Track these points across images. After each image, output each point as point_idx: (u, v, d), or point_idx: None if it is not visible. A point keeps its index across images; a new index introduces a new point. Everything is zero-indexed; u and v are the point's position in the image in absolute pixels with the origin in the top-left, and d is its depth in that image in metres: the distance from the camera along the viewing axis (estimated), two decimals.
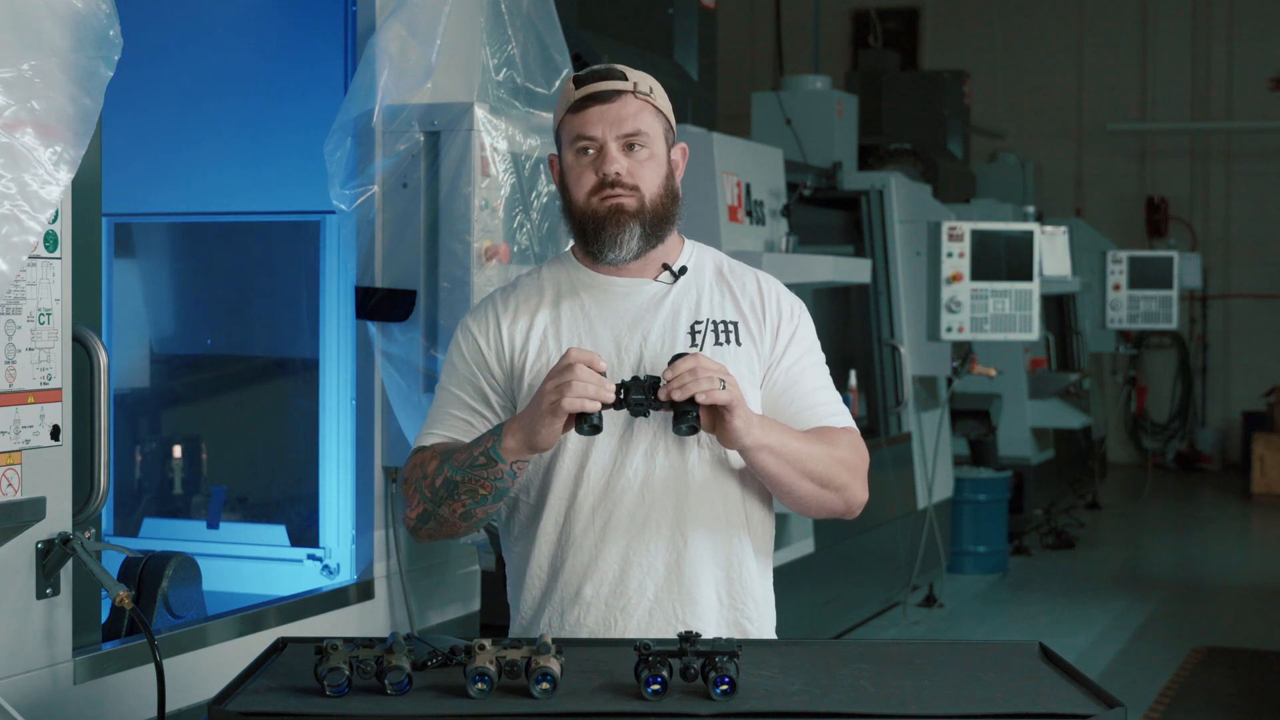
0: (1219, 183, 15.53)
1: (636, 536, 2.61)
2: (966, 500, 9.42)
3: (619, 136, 2.59)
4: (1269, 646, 7.91)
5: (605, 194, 2.59)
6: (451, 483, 2.54)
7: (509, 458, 2.50)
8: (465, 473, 2.53)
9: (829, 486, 2.63)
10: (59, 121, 2.80)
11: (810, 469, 2.60)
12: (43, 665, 3.10)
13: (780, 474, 2.58)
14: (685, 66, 7.29)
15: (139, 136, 4.60)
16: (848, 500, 2.67)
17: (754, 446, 2.53)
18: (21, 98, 2.74)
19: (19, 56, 2.74)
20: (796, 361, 2.69)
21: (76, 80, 2.84)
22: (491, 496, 2.54)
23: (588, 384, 2.41)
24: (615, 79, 2.62)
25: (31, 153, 2.76)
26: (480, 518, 2.58)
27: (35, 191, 2.77)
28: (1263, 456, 13.40)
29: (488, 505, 2.55)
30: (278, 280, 4.74)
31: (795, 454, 2.58)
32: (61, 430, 3.06)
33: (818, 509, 2.67)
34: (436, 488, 2.56)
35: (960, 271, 8.13)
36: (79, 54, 2.83)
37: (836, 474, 2.63)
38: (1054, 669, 2.39)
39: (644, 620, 2.61)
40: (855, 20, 15.98)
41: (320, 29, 4.44)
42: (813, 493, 2.62)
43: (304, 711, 2.14)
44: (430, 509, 2.58)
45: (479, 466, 2.52)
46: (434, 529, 2.62)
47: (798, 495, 2.62)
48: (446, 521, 2.59)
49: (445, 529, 2.61)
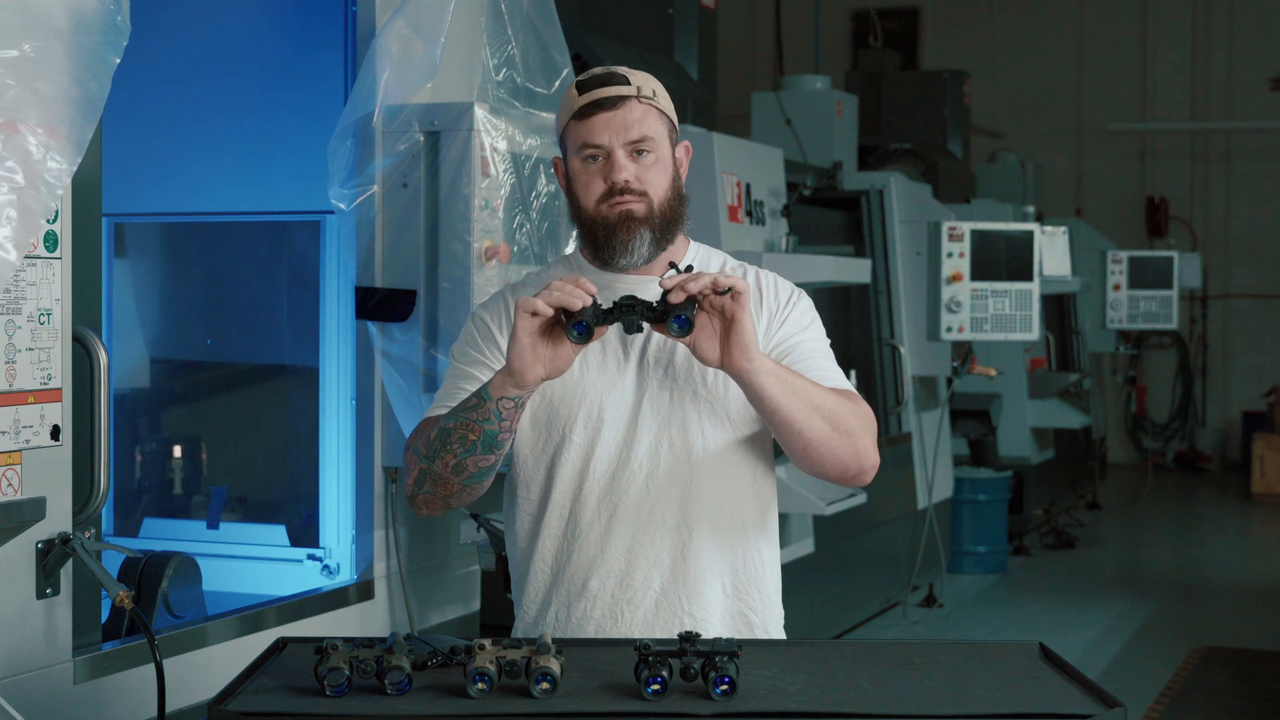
0: (1219, 183, 15.54)
1: (642, 529, 2.62)
2: (966, 500, 9.42)
3: (625, 143, 2.59)
4: (1269, 646, 7.91)
5: (614, 201, 2.59)
6: (445, 431, 2.52)
7: (495, 393, 2.47)
8: (456, 418, 2.52)
9: (840, 429, 2.54)
10: (63, 104, 2.78)
11: (820, 404, 2.52)
12: (43, 665, 3.11)
13: (789, 406, 2.50)
14: (685, 66, 7.29)
15: (138, 136, 4.60)
16: (859, 454, 2.58)
17: (762, 368, 2.47)
18: (24, 79, 2.71)
19: (20, 37, 2.71)
20: (792, 335, 2.68)
21: (82, 64, 2.81)
22: (480, 443, 2.49)
23: (561, 287, 2.40)
24: (618, 84, 2.62)
25: (36, 138, 2.74)
26: (472, 472, 2.52)
27: (40, 176, 2.75)
28: (1263, 456, 13.40)
29: (477, 455, 2.50)
30: (278, 280, 4.74)
31: (804, 387, 2.52)
32: (61, 430, 3.06)
33: (831, 459, 2.57)
34: (431, 440, 2.54)
35: (960, 271, 8.13)
36: (85, 38, 2.81)
37: (846, 417, 2.55)
38: (1054, 669, 2.39)
39: (650, 612, 2.62)
40: (855, 20, 15.98)
41: (320, 29, 4.44)
42: (824, 434, 2.53)
43: (304, 711, 2.14)
44: (426, 467, 2.55)
45: (469, 409, 2.51)
46: (430, 493, 2.58)
47: (808, 436, 2.53)
48: (440, 480, 2.54)
49: (440, 490, 2.56)
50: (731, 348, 2.45)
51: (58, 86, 2.77)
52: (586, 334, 2.41)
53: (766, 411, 2.52)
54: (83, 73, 2.81)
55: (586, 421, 2.63)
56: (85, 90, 2.81)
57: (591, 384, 2.64)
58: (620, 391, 2.64)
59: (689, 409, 2.63)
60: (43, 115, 2.74)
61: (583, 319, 2.40)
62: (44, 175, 2.75)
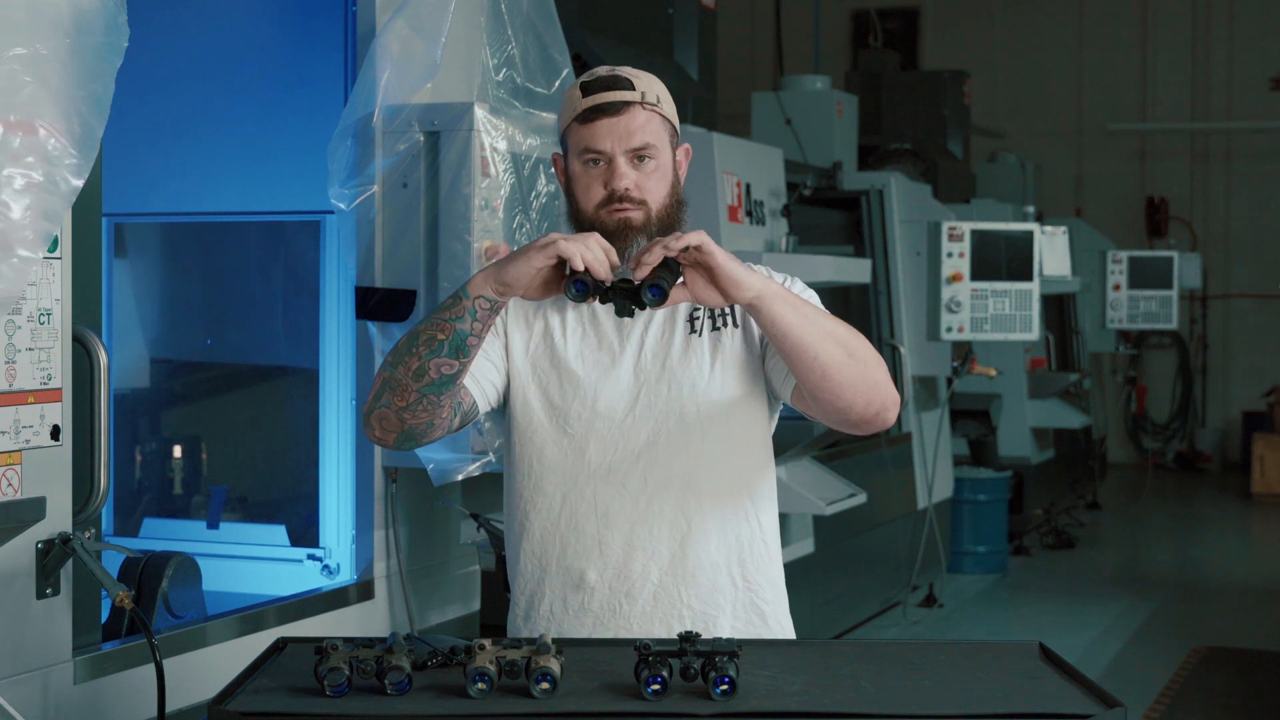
0: (1219, 183, 15.53)
1: (640, 521, 2.62)
2: (966, 500, 9.41)
3: (627, 150, 2.59)
4: (1269, 646, 7.91)
5: (613, 208, 2.59)
6: (414, 334, 2.49)
7: (473, 291, 2.46)
8: (428, 320, 2.49)
9: (856, 357, 2.48)
10: (76, 103, 2.80)
11: (832, 330, 2.48)
12: (43, 665, 3.10)
13: (801, 329, 2.45)
14: (685, 66, 7.29)
15: (139, 136, 4.60)
16: (878, 385, 2.50)
17: (766, 292, 2.45)
18: (40, 76, 2.72)
19: (34, 37, 2.73)
20: None
21: (89, 64, 2.82)
22: (448, 343, 2.45)
23: (592, 249, 2.40)
24: (623, 88, 2.61)
25: (54, 136, 2.75)
26: (433, 379, 2.47)
27: (63, 176, 2.76)
28: (1263, 456, 13.40)
29: (441, 357, 2.46)
30: (277, 280, 4.74)
31: (815, 314, 2.49)
32: (61, 430, 3.06)
33: (850, 390, 2.49)
34: (399, 347, 2.50)
35: (960, 271, 8.13)
36: (90, 38, 2.82)
37: (861, 346, 2.50)
38: (1054, 669, 2.39)
39: (649, 604, 2.62)
40: (855, 20, 15.97)
41: (320, 29, 4.44)
42: (841, 360, 2.46)
43: (304, 711, 2.14)
44: (389, 375, 2.49)
45: (442, 309, 2.48)
46: (386, 406, 2.50)
47: (824, 362, 2.46)
48: (399, 387, 2.48)
49: (397, 400, 2.49)
50: (725, 286, 2.43)
51: (69, 86, 2.78)
52: (583, 294, 2.43)
53: (778, 336, 2.47)
54: (90, 73, 2.82)
55: (582, 413, 2.63)
56: (92, 90, 2.83)
57: (588, 375, 2.64)
58: (616, 383, 2.64)
59: (686, 401, 2.63)
60: (57, 114, 2.76)
61: (587, 283, 2.41)
62: (61, 173, 2.76)
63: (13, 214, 2.70)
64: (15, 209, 2.70)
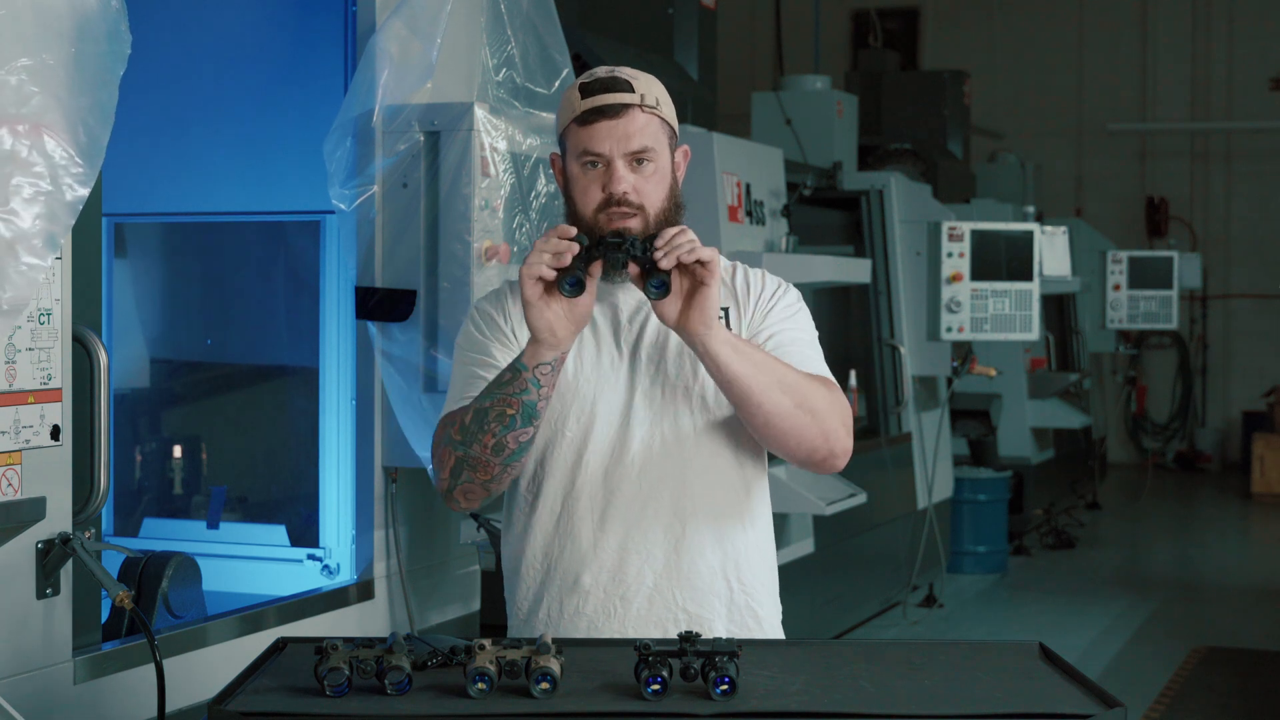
0: (1219, 183, 15.54)
1: (635, 524, 2.62)
2: (966, 500, 9.42)
3: (626, 154, 2.59)
4: (1269, 646, 7.91)
5: (611, 212, 2.59)
6: (481, 412, 2.50)
7: (529, 362, 2.48)
8: (492, 395, 2.51)
9: (804, 407, 2.53)
10: (81, 112, 2.81)
11: (783, 379, 2.52)
12: (43, 665, 3.10)
13: (747, 377, 2.50)
14: (685, 66, 7.29)
15: (138, 136, 4.59)
16: (827, 435, 2.56)
17: (718, 336, 2.48)
18: (48, 87, 2.74)
19: (40, 47, 2.74)
20: (775, 324, 2.68)
21: (94, 73, 2.84)
22: (519, 416, 2.49)
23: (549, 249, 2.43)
24: (622, 90, 2.60)
25: (61, 144, 2.76)
26: (512, 450, 2.51)
27: (69, 184, 2.78)
28: (1263, 456, 13.40)
29: (516, 430, 2.49)
30: (277, 280, 4.74)
31: (766, 361, 2.53)
32: (61, 430, 3.06)
33: (796, 439, 2.55)
34: (467, 425, 2.51)
35: (960, 271, 8.13)
36: (94, 46, 2.84)
37: (813, 396, 2.54)
38: (1054, 669, 2.39)
39: (644, 607, 2.62)
40: (855, 20, 15.98)
41: (320, 29, 4.44)
42: (786, 410, 2.52)
43: (304, 711, 2.14)
44: (463, 454, 2.52)
45: (504, 384, 2.50)
46: (468, 481, 2.54)
47: (768, 410, 2.51)
48: (480, 464, 2.51)
49: (480, 475, 2.53)
50: (692, 312, 2.46)
51: (75, 95, 2.80)
52: (578, 287, 2.45)
53: (724, 382, 2.52)
54: (95, 81, 2.84)
55: (579, 416, 2.63)
56: (98, 98, 2.84)
57: (584, 379, 2.64)
58: (613, 386, 2.64)
59: (681, 404, 2.64)
60: (63, 123, 2.77)
61: (571, 273, 2.43)
62: (68, 181, 2.77)
63: (22, 222, 2.71)
64: (25, 217, 2.71)
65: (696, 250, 2.44)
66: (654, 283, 2.45)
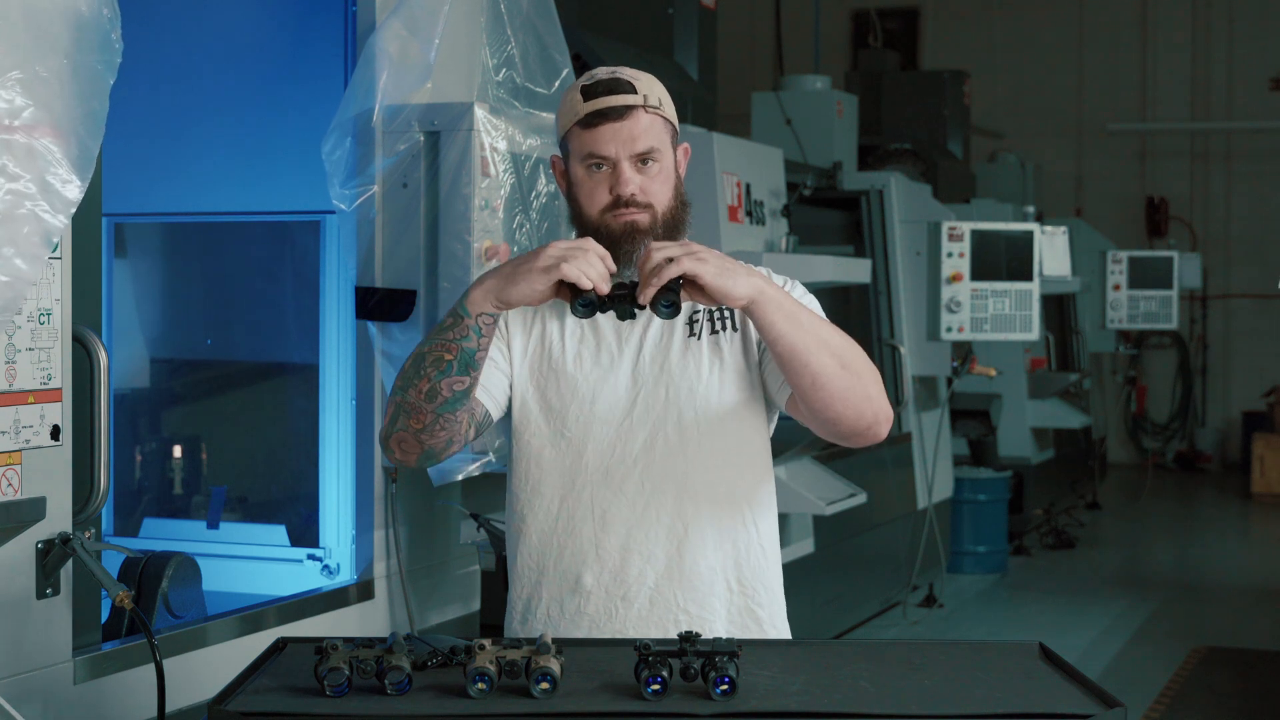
0: (1219, 183, 15.54)
1: (636, 525, 2.61)
2: (966, 500, 9.42)
3: (632, 155, 2.59)
4: (1269, 646, 7.91)
5: (619, 212, 2.59)
6: (419, 356, 2.49)
7: (474, 309, 2.46)
8: (431, 340, 2.49)
9: (849, 369, 2.49)
10: (73, 123, 2.81)
11: (827, 340, 2.48)
12: (43, 665, 3.10)
13: (794, 338, 2.46)
14: (685, 66, 7.29)
15: (138, 136, 4.59)
16: (870, 398, 2.50)
17: (756, 298, 2.44)
18: (40, 99, 2.75)
19: (34, 58, 2.74)
20: None
21: (85, 83, 2.84)
22: (456, 362, 2.47)
23: (594, 265, 2.41)
24: (625, 92, 2.59)
25: (50, 154, 2.77)
26: (446, 398, 2.48)
27: (57, 191, 2.78)
28: (1263, 456, 13.40)
29: (451, 376, 2.47)
30: (278, 280, 4.74)
31: (810, 321, 2.49)
32: (61, 430, 3.06)
33: (840, 400, 2.49)
34: (406, 370, 2.51)
35: (960, 271, 8.13)
36: (86, 57, 2.84)
37: (855, 358, 2.50)
38: (1054, 669, 2.39)
39: (645, 608, 2.62)
40: (855, 20, 15.97)
41: (320, 29, 4.44)
42: (833, 370, 2.47)
43: (304, 711, 2.14)
44: (400, 399, 2.51)
45: (445, 329, 2.49)
46: (403, 430, 2.52)
47: (815, 370, 2.46)
48: (414, 410, 2.49)
49: (413, 423, 2.50)
50: (715, 298, 2.44)
51: (68, 106, 2.81)
52: (590, 314, 2.45)
53: (770, 340, 2.49)
54: (87, 92, 2.85)
55: (580, 416, 2.63)
56: (89, 109, 2.84)
57: (585, 379, 2.64)
58: (615, 386, 2.64)
59: (684, 405, 2.63)
60: (56, 135, 2.77)
61: (593, 301, 2.44)
62: (58, 191, 2.77)
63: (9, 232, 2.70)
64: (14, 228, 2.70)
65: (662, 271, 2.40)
66: (662, 307, 2.43)
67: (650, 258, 2.43)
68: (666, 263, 2.41)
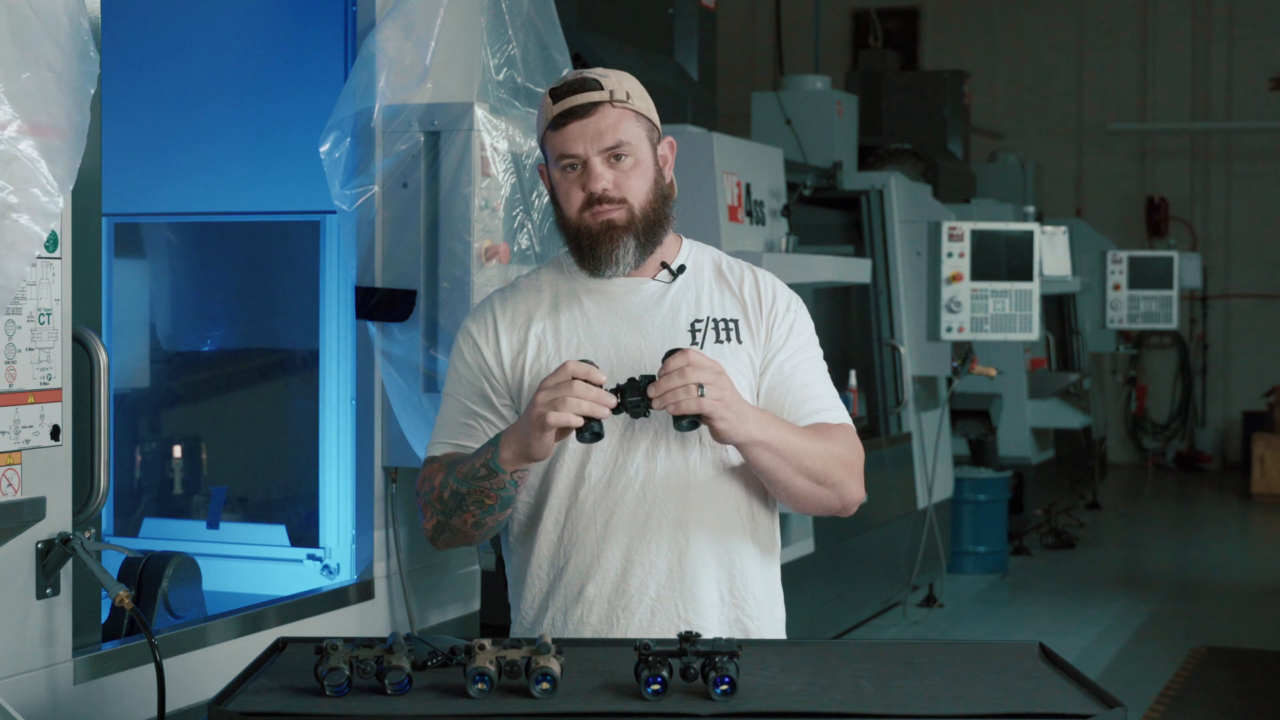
0: (1219, 183, 15.54)
1: (638, 535, 2.62)
2: (966, 500, 9.42)
3: (601, 151, 2.58)
4: (1269, 646, 7.91)
5: (595, 210, 2.59)
6: (458, 495, 2.56)
7: (507, 468, 2.51)
8: (469, 485, 2.55)
9: (825, 484, 2.61)
10: (57, 134, 2.83)
11: (806, 466, 2.58)
12: (43, 665, 3.10)
13: (776, 470, 2.57)
14: (685, 66, 7.29)
15: (139, 136, 4.60)
16: (844, 498, 2.65)
17: (748, 442, 2.52)
18: (25, 110, 2.76)
19: (18, 68, 2.76)
20: (792, 356, 2.69)
21: (69, 93, 2.87)
22: (498, 505, 2.55)
23: (581, 399, 2.40)
24: (591, 89, 2.59)
25: (35, 164, 2.78)
26: (492, 526, 2.60)
27: (41, 202, 2.79)
28: (1263, 456, 13.41)
29: (496, 514, 2.57)
30: (278, 280, 4.74)
31: (792, 450, 2.57)
32: (61, 430, 3.06)
33: (814, 506, 2.66)
34: (445, 500, 2.58)
35: (960, 271, 8.13)
36: (69, 69, 2.87)
37: (833, 471, 2.62)
38: (1054, 669, 2.39)
39: (646, 618, 2.62)
40: (855, 20, 15.98)
41: (320, 29, 4.44)
42: (809, 490, 2.61)
43: (304, 711, 2.14)
44: (443, 520, 2.61)
45: (481, 478, 2.53)
46: (450, 538, 2.64)
47: (793, 491, 2.61)
48: (461, 531, 2.61)
49: (461, 538, 2.63)
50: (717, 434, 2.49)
51: (52, 116, 2.82)
52: (598, 439, 2.47)
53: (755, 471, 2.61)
54: (71, 104, 2.87)
55: None
56: (73, 121, 2.86)
57: None
58: None
59: None
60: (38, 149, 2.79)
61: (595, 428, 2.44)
62: (40, 204, 2.78)
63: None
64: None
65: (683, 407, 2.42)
66: (683, 424, 2.46)
67: (684, 373, 2.42)
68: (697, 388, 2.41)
